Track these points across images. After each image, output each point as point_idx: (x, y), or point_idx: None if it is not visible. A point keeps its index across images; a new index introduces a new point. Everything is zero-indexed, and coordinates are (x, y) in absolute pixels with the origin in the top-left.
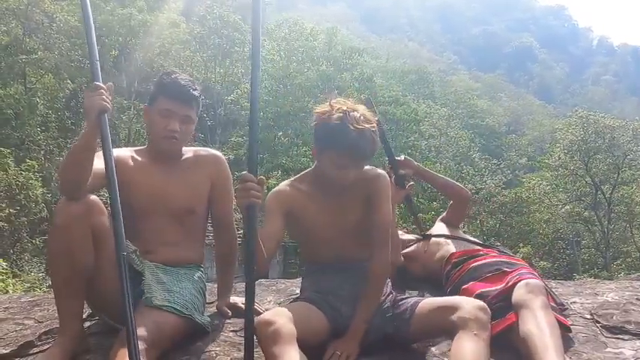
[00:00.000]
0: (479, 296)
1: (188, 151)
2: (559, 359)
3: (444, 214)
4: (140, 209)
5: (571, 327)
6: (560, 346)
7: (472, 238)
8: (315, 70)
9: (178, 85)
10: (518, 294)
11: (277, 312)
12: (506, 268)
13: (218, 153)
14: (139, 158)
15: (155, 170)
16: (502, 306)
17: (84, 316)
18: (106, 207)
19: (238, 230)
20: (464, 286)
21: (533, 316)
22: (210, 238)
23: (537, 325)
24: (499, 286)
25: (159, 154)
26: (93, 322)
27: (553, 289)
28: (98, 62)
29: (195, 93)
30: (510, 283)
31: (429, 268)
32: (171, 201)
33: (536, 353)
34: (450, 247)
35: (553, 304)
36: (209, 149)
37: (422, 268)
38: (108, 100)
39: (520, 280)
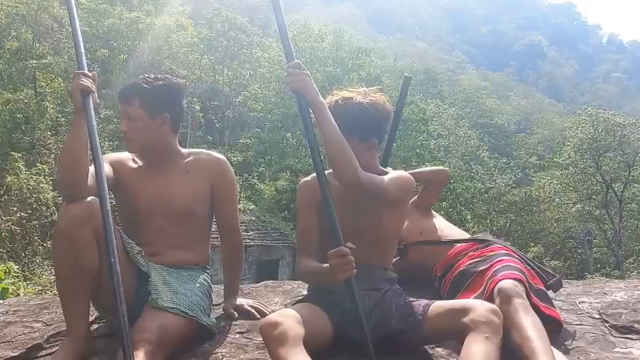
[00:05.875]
0: None
1: (190, 154)
2: None
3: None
4: (142, 211)
5: (565, 322)
6: (548, 348)
7: (448, 235)
8: (322, 71)
9: (124, 86)
10: (496, 304)
11: (283, 313)
12: (482, 266)
13: (220, 156)
14: (140, 162)
15: (155, 173)
16: None
17: (91, 319)
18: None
19: (247, 232)
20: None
21: (514, 326)
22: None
23: (520, 334)
24: (480, 290)
25: (152, 158)
26: (100, 324)
27: (561, 289)
28: (83, 54)
29: (134, 89)
30: (488, 290)
31: (414, 271)
32: (170, 203)
33: None
34: (432, 256)
35: (542, 286)
36: (212, 152)
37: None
38: (88, 83)
39: (495, 284)
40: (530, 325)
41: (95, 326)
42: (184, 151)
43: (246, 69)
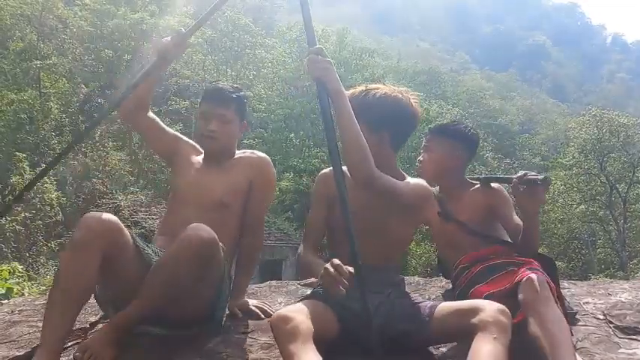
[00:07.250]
0: (486, 298)
1: (239, 153)
2: (569, 356)
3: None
4: (178, 200)
5: (568, 323)
6: (570, 342)
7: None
8: None
9: (215, 88)
10: (521, 292)
11: (295, 308)
12: (513, 267)
13: (264, 155)
14: (198, 157)
15: (201, 166)
16: (510, 305)
17: (97, 319)
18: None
19: (273, 233)
20: (471, 290)
21: (538, 315)
22: None
23: (542, 324)
24: (507, 285)
25: (208, 154)
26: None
27: (565, 290)
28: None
29: (233, 95)
30: (515, 281)
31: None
32: (203, 192)
33: (547, 352)
34: (463, 242)
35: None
36: (257, 152)
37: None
38: (170, 46)
39: (523, 277)
40: (554, 316)
41: (100, 326)
42: (237, 152)
43: (250, 69)
